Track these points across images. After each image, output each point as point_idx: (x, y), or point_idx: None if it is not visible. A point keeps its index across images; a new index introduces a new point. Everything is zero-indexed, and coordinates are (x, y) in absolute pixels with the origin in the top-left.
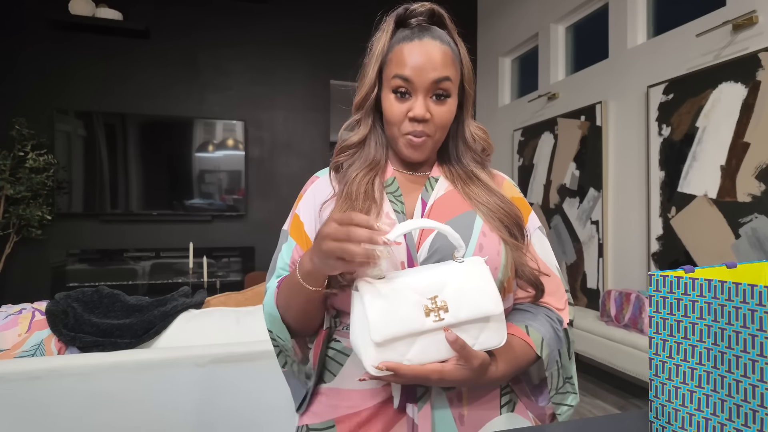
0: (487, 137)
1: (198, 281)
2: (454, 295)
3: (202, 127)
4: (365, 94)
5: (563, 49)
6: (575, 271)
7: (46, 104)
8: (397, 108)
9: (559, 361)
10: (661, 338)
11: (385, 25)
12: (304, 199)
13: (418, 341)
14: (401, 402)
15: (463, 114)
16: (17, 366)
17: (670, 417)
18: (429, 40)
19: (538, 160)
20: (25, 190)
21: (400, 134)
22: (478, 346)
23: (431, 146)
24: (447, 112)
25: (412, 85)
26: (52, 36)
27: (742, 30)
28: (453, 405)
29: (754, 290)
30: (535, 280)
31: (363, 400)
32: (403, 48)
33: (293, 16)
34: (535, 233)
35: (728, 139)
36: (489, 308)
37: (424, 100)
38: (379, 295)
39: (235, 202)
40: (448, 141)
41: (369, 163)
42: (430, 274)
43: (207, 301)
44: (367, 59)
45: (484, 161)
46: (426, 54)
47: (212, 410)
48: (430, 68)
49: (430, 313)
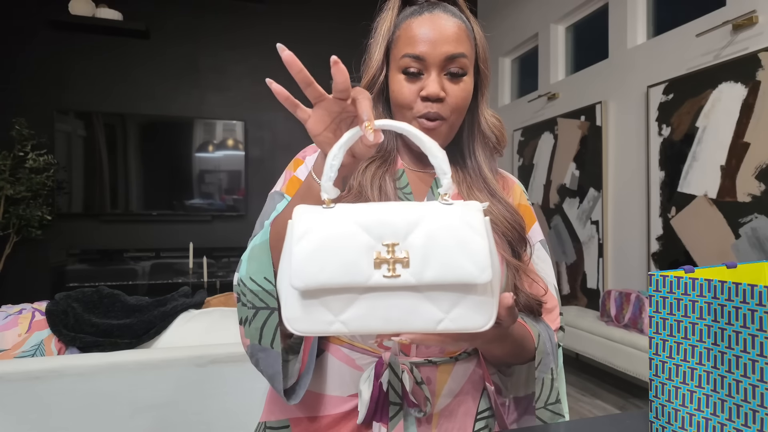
0: (502, 127)
1: (198, 281)
2: (423, 245)
3: (202, 128)
4: (372, 77)
5: (563, 49)
6: (575, 271)
7: (46, 104)
8: (408, 88)
9: (554, 370)
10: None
11: (391, 2)
12: (306, 163)
13: (360, 301)
14: (367, 417)
15: (477, 99)
16: (17, 366)
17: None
18: (440, 12)
19: (538, 160)
20: (25, 190)
21: (411, 118)
22: (449, 323)
23: (446, 131)
24: (463, 91)
25: (423, 63)
26: (52, 36)
27: (742, 30)
28: (421, 426)
29: (754, 290)
30: (532, 306)
31: (325, 406)
32: (411, 23)
33: (293, 16)
34: (536, 247)
35: (728, 139)
36: (470, 273)
37: (438, 77)
38: (316, 226)
39: (235, 202)
40: (462, 131)
41: (381, 154)
42: (395, 211)
43: (207, 301)
44: (372, 39)
45: (494, 156)
46: (438, 27)
47: (212, 410)
48: (442, 42)
49: (381, 264)
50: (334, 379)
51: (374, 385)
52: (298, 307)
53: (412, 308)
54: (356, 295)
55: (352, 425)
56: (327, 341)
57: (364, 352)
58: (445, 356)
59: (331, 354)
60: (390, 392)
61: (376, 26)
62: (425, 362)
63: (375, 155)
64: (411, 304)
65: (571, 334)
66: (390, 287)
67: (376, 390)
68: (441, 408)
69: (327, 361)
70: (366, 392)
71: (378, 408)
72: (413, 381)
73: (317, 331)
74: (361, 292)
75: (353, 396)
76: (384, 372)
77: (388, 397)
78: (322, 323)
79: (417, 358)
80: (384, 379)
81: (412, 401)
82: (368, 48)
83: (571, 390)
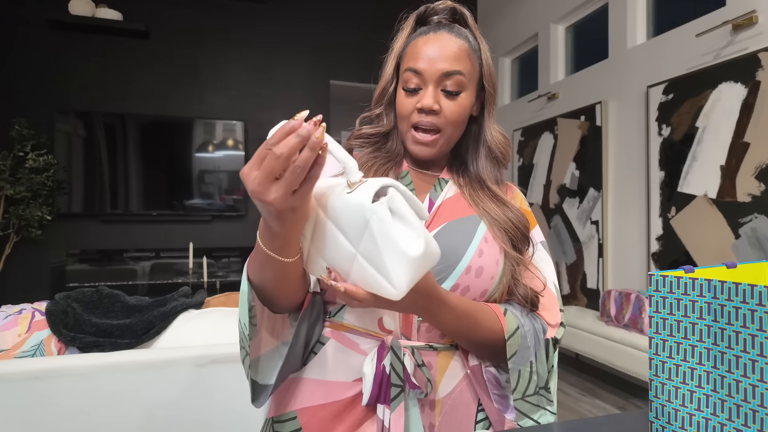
0: (507, 144)
1: (198, 281)
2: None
3: (202, 128)
4: (383, 88)
5: (563, 49)
6: (575, 271)
7: (46, 104)
8: (407, 102)
9: (533, 363)
10: (661, 338)
11: (406, 23)
12: None
13: None
14: (371, 399)
15: (483, 116)
16: (17, 366)
17: (670, 417)
18: (445, 33)
19: (538, 160)
20: (25, 190)
21: (409, 128)
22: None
23: (442, 144)
24: (458, 107)
25: (422, 78)
26: (52, 36)
27: (742, 30)
28: (424, 412)
29: (754, 290)
30: (530, 298)
31: (331, 393)
32: (418, 41)
33: (293, 16)
34: (537, 247)
35: (728, 139)
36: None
37: (434, 91)
38: None
39: (235, 202)
40: (466, 143)
41: (390, 155)
42: None
43: (207, 301)
44: (387, 55)
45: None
46: (439, 46)
47: (212, 410)
48: (440, 59)
49: None
50: (339, 365)
51: (377, 367)
52: None
53: None
54: None
55: (358, 410)
56: (331, 329)
57: (366, 336)
58: (445, 343)
59: (335, 340)
60: (392, 374)
61: (392, 45)
62: (426, 347)
63: (380, 153)
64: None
65: (571, 334)
66: None
67: (379, 371)
68: (444, 395)
69: (331, 348)
70: (369, 374)
71: (382, 390)
72: (414, 363)
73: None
74: None
75: (358, 381)
76: (387, 355)
77: (390, 378)
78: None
79: (418, 342)
80: (386, 361)
81: (413, 383)
82: (383, 63)
83: (571, 390)
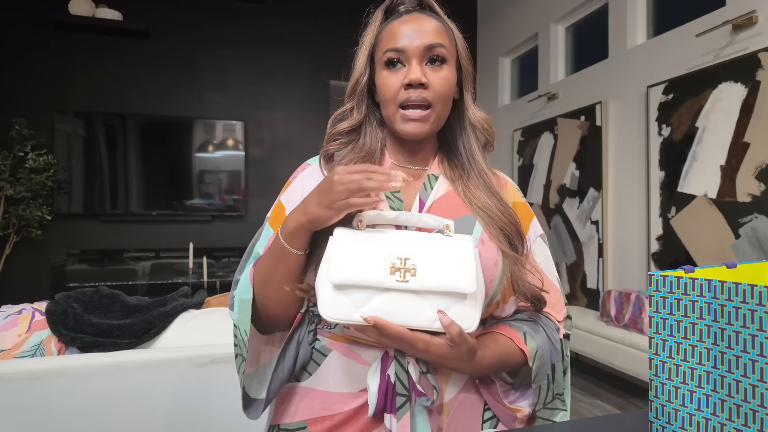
0: (489, 120)
1: (198, 281)
2: (427, 261)
3: (202, 128)
4: (356, 80)
5: (563, 49)
6: (575, 271)
7: (46, 104)
8: (392, 80)
9: (551, 375)
10: (661, 338)
11: (373, 18)
12: (292, 187)
13: (378, 297)
14: (377, 409)
15: (463, 95)
16: (17, 366)
17: (670, 417)
18: (418, 14)
19: (538, 160)
20: (25, 190)
21: (396, 109)
22: None
23: (433, 120)
24: (444, 79)
25: (404, 54)
26: (52, 36)
27: (741, 30)
28: (432, 416)
29: (754, 290)
30: (534, 296)
31: (338, 404)
32: (392, 25)
33: (293, 16)
34: (536, 242)
35: (728, 139)
36: (460, 284)
37: (419, 65)
38: (350, 240)
39: (235, 202)
40: (452, 128)
41: (364, 154)
42: (409, 236)
43: (207, 301)
44: (357, 49)
45: (486, 151)
46: (417, 24)
47: (212, 410)
48: (420, 34)
49: (395, 272)
50: (343, 377)
51: (381, 378)
52: (331, 297)
53: (415, 309)
54: (375, 292)
55: (364, 420)
56: (332, 340)
57: (369, 346)
58: None
59: (337, 352)
60: (397, 384)
61: (361, 39)
62: None
63: (356, 155)
64: (415, 305)
65: (571, 334)
66: (400, 289)
67: (384, 382)
68: (450, 398)
69: (334, 360)
70: (374, 385)
71: (388, 400)
72: (419, 371)
73: (341, 318)
74: (379, 291)
75: (363, 391)
76: (390, 364)
77: (395, 388)
78: (346, 311)
79: None
80: (391, 371)
81: (419, 391)
82: (354, 57)
83: (571, 390)
